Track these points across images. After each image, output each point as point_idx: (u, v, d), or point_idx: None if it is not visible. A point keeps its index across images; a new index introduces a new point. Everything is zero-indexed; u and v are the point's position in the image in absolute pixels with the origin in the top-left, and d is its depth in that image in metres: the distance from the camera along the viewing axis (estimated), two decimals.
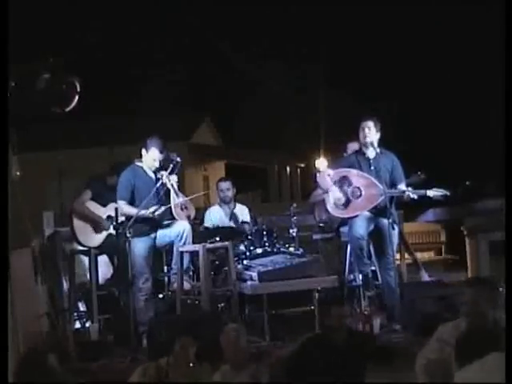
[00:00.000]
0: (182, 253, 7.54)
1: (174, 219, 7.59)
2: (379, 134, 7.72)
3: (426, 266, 10.12)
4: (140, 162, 7.67)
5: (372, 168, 7.67)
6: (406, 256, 9.34)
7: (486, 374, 3.84)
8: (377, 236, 7.67)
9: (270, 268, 7.43)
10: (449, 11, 23.31)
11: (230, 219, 8.72)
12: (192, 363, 5.41)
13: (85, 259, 8.16)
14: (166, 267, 8.22)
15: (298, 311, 7.64)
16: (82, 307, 8.26)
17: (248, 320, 7.45)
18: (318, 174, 8.04)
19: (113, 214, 7.41)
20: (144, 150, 7.60)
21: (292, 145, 30.20)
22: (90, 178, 8.51)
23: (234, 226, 8.55)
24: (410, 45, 25.08)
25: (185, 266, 7.57)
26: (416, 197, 7.56)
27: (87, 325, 7.85)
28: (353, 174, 7.72)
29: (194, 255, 7.67)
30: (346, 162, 7.93)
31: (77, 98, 6.43)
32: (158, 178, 7.56)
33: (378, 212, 7.60)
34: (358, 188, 7.65)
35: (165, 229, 7.59)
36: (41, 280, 6.96)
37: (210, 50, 28.58)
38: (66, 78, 6.43)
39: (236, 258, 7.70)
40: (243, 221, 8.70)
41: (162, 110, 24.32)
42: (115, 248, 7.44)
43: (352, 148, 8.23)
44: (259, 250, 7.86)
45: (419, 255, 11.04)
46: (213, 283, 7.70)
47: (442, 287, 7.82)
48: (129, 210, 7.41)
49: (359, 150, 7.86)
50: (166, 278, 8.11)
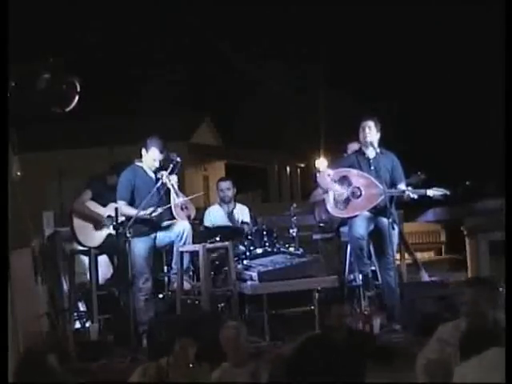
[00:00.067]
0: (182, 253, 7.53)
1: (174, 219, 7.59)
2: (379, 133, 7.72)
3: (426, 265, 10.13)
4: (140, 161, 7.67)
5: (372, 168, 7.67)
6: (406, 256, 9.34)
7: (485, 370, 3.84)
8: (377, 236, 7.67)
9: (270, 268, 7.42)
10: (449, 11, 23.33)
11: (229, 219, 8.71)
12: (192, 363, 5.41)
13: (85, 259, 8.15)
14: (166, 267, 8.20)
15: (298, 311, 7.62)
16: (81, 307, 8.25)
17: (248, 320, 7.43)
18: (318, 174, 8.05)
19: (113, 214, 7.40)
20: (144, 150, 7.59)
21: (292, 145, 30.23)
22: (90, 177, 8.52)
23: (234, 226, 8.54)
24: (410, 45, 25.11)
25: (185, 266, 7.57)
26: (416, 196, 7.55)
27: (87, 325, 7.85)
28: (353, 173, 7.72)
29: (194, 255, 7.66)
30: (346, 161, 7.93)
31: (77, 97, 6.41)
32: (158, 178, 7.55)
33: (377, 212, 7.60)
34: (358, 188, 7.65)
35: (165, 229, 7.59)
36: (41, 280, 6.95)
37: (209, 50, 28.61)
38: (66, 77, 6.42)
39: (236, 258, 7.69)
40: (243, 221, 8.68)
41: (162, 110, 24.34)
42: (115, 248, 7.43)
43: (352, 148, 8.23)
44: (259, 250, 7.85)
45: (419, 255, 11.05)
46: (213, 283, 7.69)
47: (441, 287, 7.82)
48: (128, 210, 7.40)
49: (359, 150, 7.85)
50: (166, 278, 8.09)
